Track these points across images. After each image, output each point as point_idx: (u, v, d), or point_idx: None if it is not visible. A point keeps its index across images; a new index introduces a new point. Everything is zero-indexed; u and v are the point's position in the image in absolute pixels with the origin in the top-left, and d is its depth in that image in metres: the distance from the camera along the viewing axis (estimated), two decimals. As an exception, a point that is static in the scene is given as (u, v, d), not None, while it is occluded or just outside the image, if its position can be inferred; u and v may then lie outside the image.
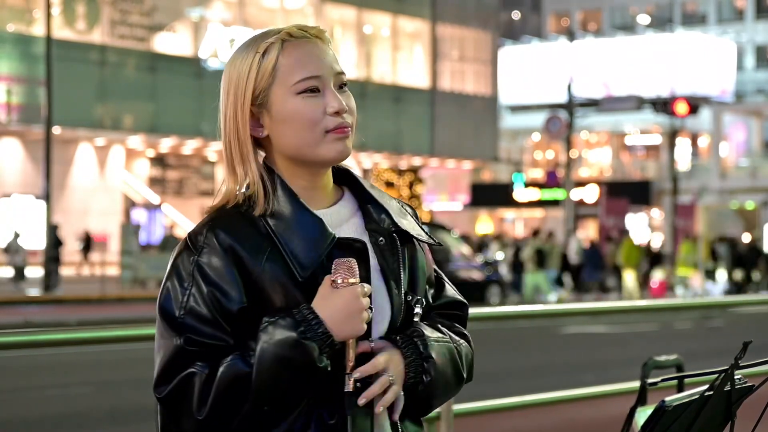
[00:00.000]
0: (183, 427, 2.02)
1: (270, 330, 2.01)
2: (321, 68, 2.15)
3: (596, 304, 16.31)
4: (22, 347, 4.53)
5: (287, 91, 2.14)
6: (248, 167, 2.16)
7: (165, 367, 2.02)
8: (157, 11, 38.99)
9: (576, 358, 15.53)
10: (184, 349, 2.02)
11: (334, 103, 2.14)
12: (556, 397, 6.89)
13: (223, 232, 2.09)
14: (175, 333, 2.03)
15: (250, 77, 2.15)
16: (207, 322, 2.03)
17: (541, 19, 74.45)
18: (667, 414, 2.12)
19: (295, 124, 2.14)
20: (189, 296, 2.04)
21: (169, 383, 2.00)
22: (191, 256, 2.07)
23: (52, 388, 12.09)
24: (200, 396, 1.99)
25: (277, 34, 2.17)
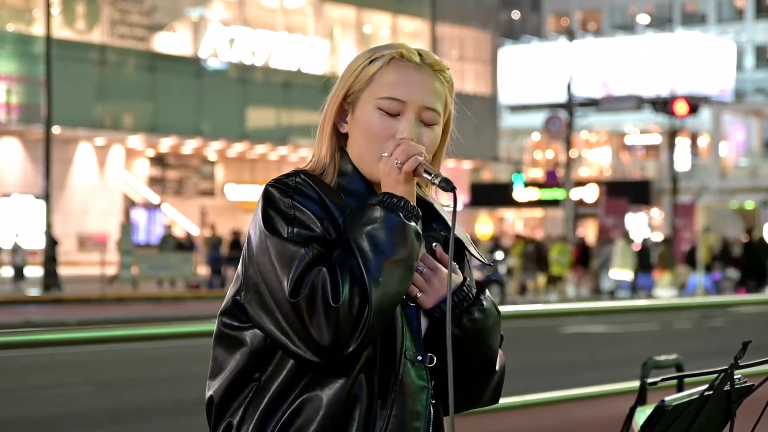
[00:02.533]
0: (318, 322, 2.09)
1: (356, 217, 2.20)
2: (410, 95, 2.28)
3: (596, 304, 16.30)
4: (22, 347, 4.54)
5: (371, 102, 2.27)
6: (322, 145, 2.30)
7: (298, 274, 2.11)
8: (157, 11, 38.98)
9: (576, 358, 15.52)
10: (309, 255, 2.13)
11: (405, 131, 2.26)
12: (556, 397, 6.89)
13: (310, 180, 2.23)
14: (297, 246, 2.13)
15: (351, 76, 2.29)
16: (317, 239, 2.16)
17: (541, 19, 74.44)
18: (667, 414, 2.13)
19: (365, 133, 2.27)
20: (294, 220, 2.16)
21: (302, 286, 2.10)
22: (287, 192, 2.20)
23: (52, 388, 12.09)
24: (333, 285, 2.09)
25: (395, 49, 2.30)
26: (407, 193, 2.22)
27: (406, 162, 2.21)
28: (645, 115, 54.64)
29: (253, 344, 2.21)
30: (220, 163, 43.19)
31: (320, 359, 2.12)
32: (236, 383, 2.22)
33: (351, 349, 2.11)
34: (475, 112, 48.63)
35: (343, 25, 45.01)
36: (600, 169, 62.05)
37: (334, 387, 2.15)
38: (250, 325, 2.21)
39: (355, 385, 2.16)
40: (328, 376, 2.16)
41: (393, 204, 2.19)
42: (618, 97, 47.10)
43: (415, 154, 2.22)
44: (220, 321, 2.27)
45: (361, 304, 2.10)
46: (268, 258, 2.15)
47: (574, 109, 40.82)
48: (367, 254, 2.13)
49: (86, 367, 13.59)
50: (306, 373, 2.17)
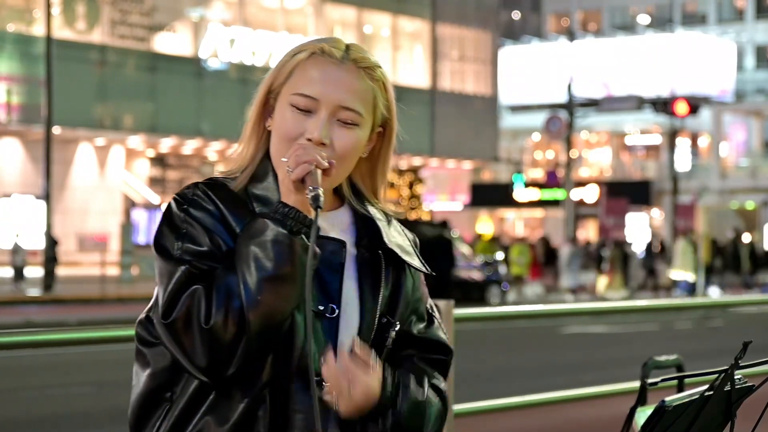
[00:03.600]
0: (192, 344, 1.99)
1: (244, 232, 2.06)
2: (324, 93, 2.11)
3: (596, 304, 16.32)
4: (22, 347, 4.53)
5: (287, 98, 2.13)
6: (245, 145, 2.18)
7: (171, 293, 2.01)
8: (157, 11, 38.98)
9: (576, 358, 15.53)
10: (186, 274, 2.02)
11: (314, 130, 2.10)
12: (557, 397, 6.89)
13: (210, 191, 2.10)
14: (176, 264, 2.03)
15: (275, 70, 2.17)
16: (204, 255, 2.04)
17: (541, 19, 74.45)
18: (667, 414, 2.12)
19: (277, 132, 2.14)
20: (184, 236, 2.05)
21: (175, 306, 2.00)
22: (182, 206, 2.08)
23: (52, 388, 12.09)
24: (207, 305, 1.99)
25: (319, 44, 2.16)
26: (300, 203, 2.05)
27: (296, 169, 2.05)
28: (645, 116, 54.64)
29: (157, 364, 2.11)
30: (220, 163, 43.19)
31: (205, 379, 2.02)
32: (148, 402, 2.13)
33: (231, 371, 2.00)
34: (475, 112, 48.64)
35: (343, 25, 45.01)
36: (600, 169, 62.05)
37: (237, 408, 2.05)
38: (158, 342, 2.10)
39: (258, 405, 2.05)
40: (230, 397, 2.05)
41: (282, 215, 2.03)
42: (618, 97, 47.11)
43: (306, 161, 2.04)
44: (135, 333, 2.17)
45: (238, 324, 1.97)
46: (157, 277, 2.06)
47: (575, 109, 40.83)
48: (248, 271, 2.00)
49: (86, 367, 13.59)
50: (210, 392, 2.06)
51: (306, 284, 1.99)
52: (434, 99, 47.15)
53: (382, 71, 2.19)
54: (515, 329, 19.17)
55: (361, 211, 2.22)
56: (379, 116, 2.19)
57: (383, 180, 2.26)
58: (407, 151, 46.31)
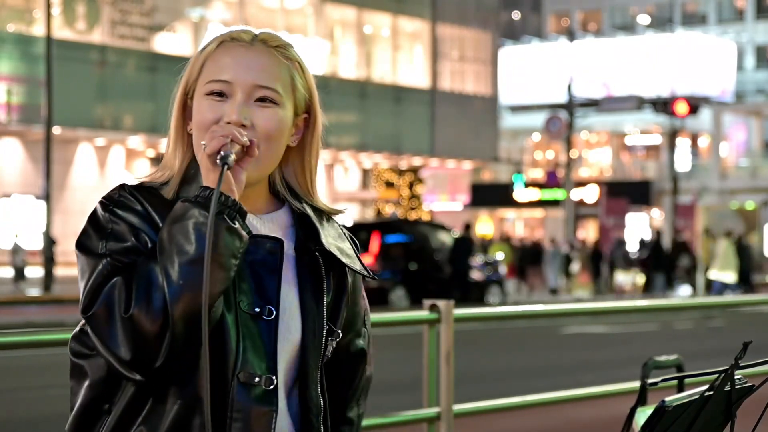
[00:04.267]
0: (114, 336, 1.92)
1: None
2: (236, 75, 2.07)
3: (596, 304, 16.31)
4: (22, 347, 4.54)
5: (201, 90, 2.10)
6: (171, 151, 2.13)
7: (93, 287, 1.95)
8: (157, 11, 38.99)
9: (576, 358, 15.52)
10: (108, 267, 1.96)
11: (232, 113, 2.04)
12: (556, 397, 6.89)
13: (137, 192, 2.06)
14: (98, 260, 1.98)
15: (187, 69, 2.13)
16: (129, 250, 1.99)
17: (541, 19, 74.44)
18: (667, 414, 2.12)
19: (196, 123, 2.09)
20: (109, 235, 2.00)
21: (97, 299, 1.94)
22: (108, 207, 2.04)
23: (52, 388, 12.09)
24: (127, 295, 1.93)
25: (227, 34, 2.12)
26: (217, 181, 1.95)
27: (211, 143, 1.98)
28: (645, 116, 54.65)
29: (95, 375, 2.04)
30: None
31: (133, 375, 1.94)
32: (86, 416, 2.05)
33: (160, 362, 1.92)
34: (475, 112, 48.64)
35: (343, 25, 45.01)
36: (600, 169, 62.05)
37: (169, 416, 1.98)
38: (93, 353, 2.03)
39: (193, 412, 1.98)
40: (164, 404, 1.99)
41: (204, 198, 1.96)
42: (618, 97, 47.12)
43: (222, 135, 1.98)
44: (69, 347, 2.09)
45: (163, 313, 1.90)
46: (79, 276, 2.00)
47: (575, 109, 40.83)
48: (169, 256, 1.92)
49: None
50: (145, 400, 1.99)
51: (205, 263, 1.89)
52: (434, 99, 47.14)
53: (295, 51, 2.14)
54: (515, 329, 19.17)
55: (300, 210, 2.16)
56: (301, 98, 2.13)
57: (314, 172, 2.19)
58: (407, 151, 46.33)
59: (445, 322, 5.64)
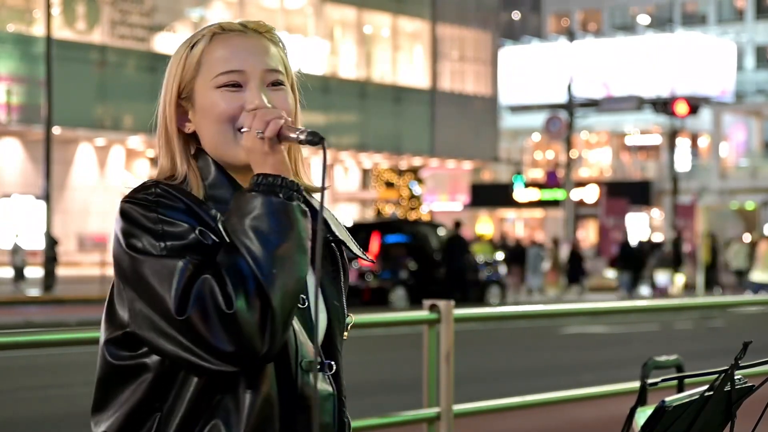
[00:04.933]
0: (215, 334, 1.92)
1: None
2: (246, 63, 2.08)
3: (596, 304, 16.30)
4: (22, 347, 4.54)
5: (208, 85, 2.08)
6: (174, 155, 2.10)
7: (179, 290, 1.92)
8: (157, 11, 39.00)
9: (576, 358, 15.52)
10: (188, 267, 1.94)
11: (254, 99, 2.06)
12: (556, 397, 6.89)
13: (173, 191, 2.03)
14: (168, 260, 1.95)
15: (177, 70, 2.10)
16: (191, 248, 1.97)
17: (541, 19, 74.44)
18: (667, 414, 2.12)
19: (212, 118, 2.07)
20: (163, 235, 1.97)
21: (188, 301, 1.92)
22: (150, 206, 1.99)
23: (52, 388, 12.09)
24: (223, 292, 1.92)
25: (212, 27, 2.12)
26: (279, 164, 2.00)
27: (267, 128, 1.99)
28: (645, 116, 54.65)
29: (156, 371, 2.02)
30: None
31: (234, 367, 1.94)
32: (135, 416, 2.03)
33: (264, 351, 1.93)
34: (475, 112, 48.64)
35: (343, 25, 45.01)
36: (600, 169, 62.05)
37: (247, 410, 1.99)
38: (145, 352, 2.02)
39: (269, 404, 2.01)
40: (236, 397, 1.99)
41: (269, 185, 1.98)
42: (618, 97, 47.12)
43: (273, 118, 2.00)
44: (108, 352, 2.08)
45: (261, 303, 1.92)
46: (145, 281, 1.96)
47: (575, 109, 40.83)
48: (254, 248, 1.93)
49: (86, 367, 13.57)
50: (211, 396, 2.00)
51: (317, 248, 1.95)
52: (434, 99, 47.15)
53: (278, 35, 2.17)
54: (515, 329, 19.17)
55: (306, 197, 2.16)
56: (291, 78, 2.16)
57: (301, 152, 2.21)
58: (407, 151, 46.33)
59: (445, 322, 5.64)
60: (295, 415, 2.03)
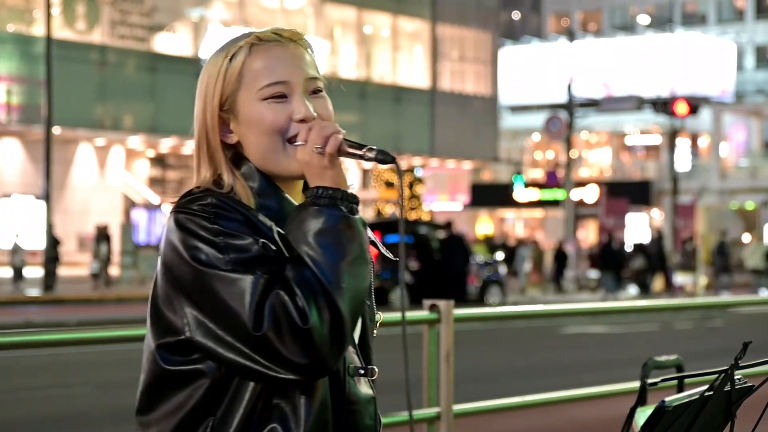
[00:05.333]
0: (290, 348, 1.95)
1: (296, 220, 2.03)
2: (289, 73, 2.10)
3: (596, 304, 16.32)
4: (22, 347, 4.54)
5: (252, 97, 2.09)
6: (221, 172, 2.10)
7: (255, 305, 1.94)
8: (157, 11, 38.99)
9: (576, 358, 15.52)
10: (261, 282, 1.96)
11: (301, 109, 2.08)
12: (556, 397, 6.89)
13: (227, 200, 2.05)
14: (236, 275, 1.97)
15: (218, 82, 2.10)
16: (256, 261, 1.99)
17: (541, 20, 74.45)
18: (667, 414, 2.12)
19: (260, 130, 2.09)
20: (227, 247, 1.99)
21: (262, 317, 1.94)
22: (208, 218, 2.02)
23: (52, 388, 12.09)
24: (296, 306, 1.94)
25: (248, 37, 2.12)
26: (337, 178, 2.04)
27: (327, 144, 2.03)
28: (645, 116, 54.65)
29: (212, 377, 2.03)
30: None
31: (304, 378, 1.98)
32: (190, 420, 2.05)
33: (333, 362, 1.98)
34: (475, 112, 48.64)
35: (343, 25, 45.02)
36: (600, 169, 62.06)
37: (305, 415, 2.02)
38: (200, 357, 2.03)
39: (326, 408, 2.05)
40: (293, 402, 2.02)
41: (330, 198, 2.02)
42: (618, 97, 47.11)
43: (332, 133, 2.03)
44: (161, 357, 2.07)
45: (332, 316, 1.95)
46: (214, 295, 1.98)
47: (575, 109, 40.82)
48: (321, 262, 1.97)
49: (86, 367, 13.59)
50: (269, 400, 2.02)
51: (400, 262, 2.04)
52: (434, 99, 47.15)
53: (308, 40, 2.19)
54: (515, 329, 19.17)
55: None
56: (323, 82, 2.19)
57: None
58: (407, 151, 46.34)
59: (445, 322, 5.65)
60: (343, 419, 2.08)
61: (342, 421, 2.07)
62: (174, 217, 2.06)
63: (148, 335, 2.11)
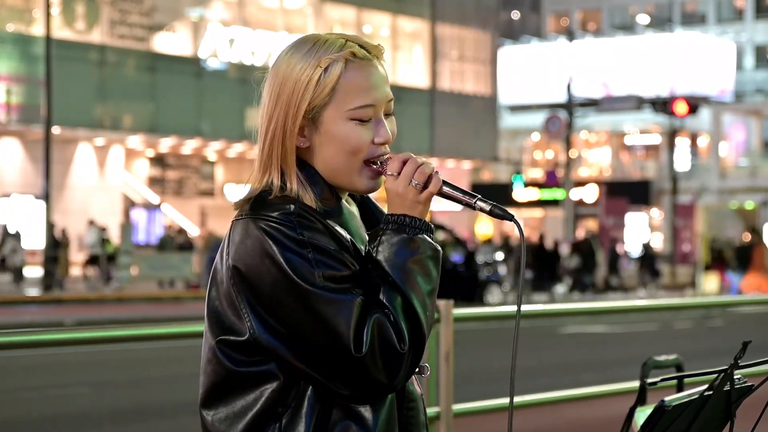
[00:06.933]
0: (381, 368, 2.01)
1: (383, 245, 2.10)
2: (377, 97, 2.13)
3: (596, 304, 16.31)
4: (22, 347, 4.54)
5: (340, 114, 2.11)
6: (289, 177, 2.12)
7: (355, 327, 2.00)
8: (156, 11, 38.98)
9: (576, 358, 15.53)
10: (358, 302, 2.02)
11: (384, 133, 2.15)
12: (556, 397, 6.89)
13: (305, 211, 2.08)
14: (332, 294, 2.01)
15: (308, 90, 2.11)
16: (348, 278, 2.04)
17: (541, 19, 74.44)
18: (667, 414, 2.13)
19: (341, 147, 2.12)
20: (318, 262, 2.02)
21: (362, 339, 1.99)
22: (293, 228, 2.04)
23: (52, 388, 12.09)
24: (396, 330, 2.01)
25: (340, 50, 2.12)
26: (426, 213, 2.14)
27: (429, 183, 2.13)
28: (645, 115, 54.63)
29: (283, 378, 2.07)
30: (219, 163, 43.19)
31: (373, 396, 2.06)
32: (261, 421, 2.08)
33: (406, 381, 2.07)
34: (474, 112, 48.64)
35: (343, 25, 45.00)
36: (600, 169, 62.05)
37: (375, 414, 2.08)
38: (265, 359, 2.07)
39: (392, 407, 2.12)
40: (362, 402, 2.08)
41: (422, 229, 2.10)
42: (618, 97, 47.11)
43: (431, 173, 2.14)
44: (228, 359, 2.09)
45: (420, 342, 2.05)
46: (306, 309, 2.01)
47: (574, 109, 40.83)
48: (413, 290, 2.05)
49: (86, 367, 13.59)
50: (337, 401, 2.07)
51: (519, 282, 2.14)
52: (434, 99, 47.15)
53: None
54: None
55: (363, 197, 2.29)
56: None
57: None
58: (407, 151, 46.27)
59: (445, 322, 5.64)
60: (405, 417, 2.15)
61: (404, 419, 2.14)
62: (255, 225, 2.05)
63: (208, 338, 2.13)
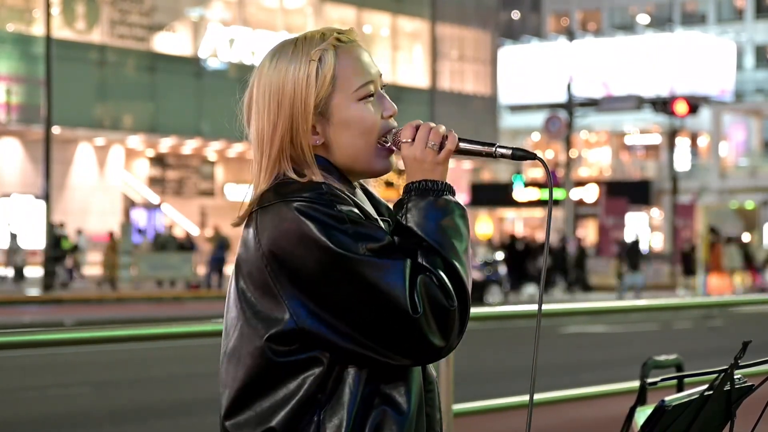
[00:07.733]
0: (436, 329, 2.04)
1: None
2: (372, 72, 2.19)
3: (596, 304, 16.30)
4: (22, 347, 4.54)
5: (348, 97, 2.14)
6: (312, 174, 2.12)
7: (408, 289, 2.01)
8: (156, 11, 38.98)
9: (576, 358, 15.52)
10: (406, 267, 2.02)
11: (390, 106, 2.20)
12: (556, 397, 6.88)
13: (335, 188, 2.11)
14: (378, 260, 2.02)
15: (311, 85, 2.12)
16: (388, 247, 2.05)
17: (541, 19, 74.43)
18: (667, 413, 2.12)
19: (357, 129, 2.15)
20: (358, 235, 2.04)
21: (415, 300, 2.01)
22: (331, 205, 2.05)
23: (52, 388, 12.09)
24: (442, 289, 2.03)
25: (323, 40, 2.15)
26: (446, 173, 2.16)
27: (446, 141, 2.14)
28: (645, 115, 54.63)
29: (325, 365, 2.07)
30: (219, 163, 43.20)
31: (430, 360, 2.08)
32: (303, 408, 2.07)
33: (456, 344, 2.10)
34: (474, 112, 48.65)
35: (342, 25, 44.64)
36: (600, 169, 62.06)
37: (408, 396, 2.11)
38: (306, 346, 2.06)
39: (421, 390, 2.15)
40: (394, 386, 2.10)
41: (447, 190, 2.14)
42: (618, 97, 47.10)
43: (447, 132, 2.16)
44: (269, 348, 2.07)
45: (465, 298, 2.06)
46: (355, 280, 2.01)
47: (574, 109, 40.82)
48: (450, 249, 2.07)
49: (86, 367, 13.59)
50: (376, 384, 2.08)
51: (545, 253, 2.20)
52: (434, 99, 47.15)
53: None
54: (515, 329, 19.16)
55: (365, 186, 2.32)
56: None
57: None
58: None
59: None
60: (427, 399, 2.17)
61: (427, 401, 2.16)
62: (288, 207, 2.06)
63: (242, 334, 2.11)
